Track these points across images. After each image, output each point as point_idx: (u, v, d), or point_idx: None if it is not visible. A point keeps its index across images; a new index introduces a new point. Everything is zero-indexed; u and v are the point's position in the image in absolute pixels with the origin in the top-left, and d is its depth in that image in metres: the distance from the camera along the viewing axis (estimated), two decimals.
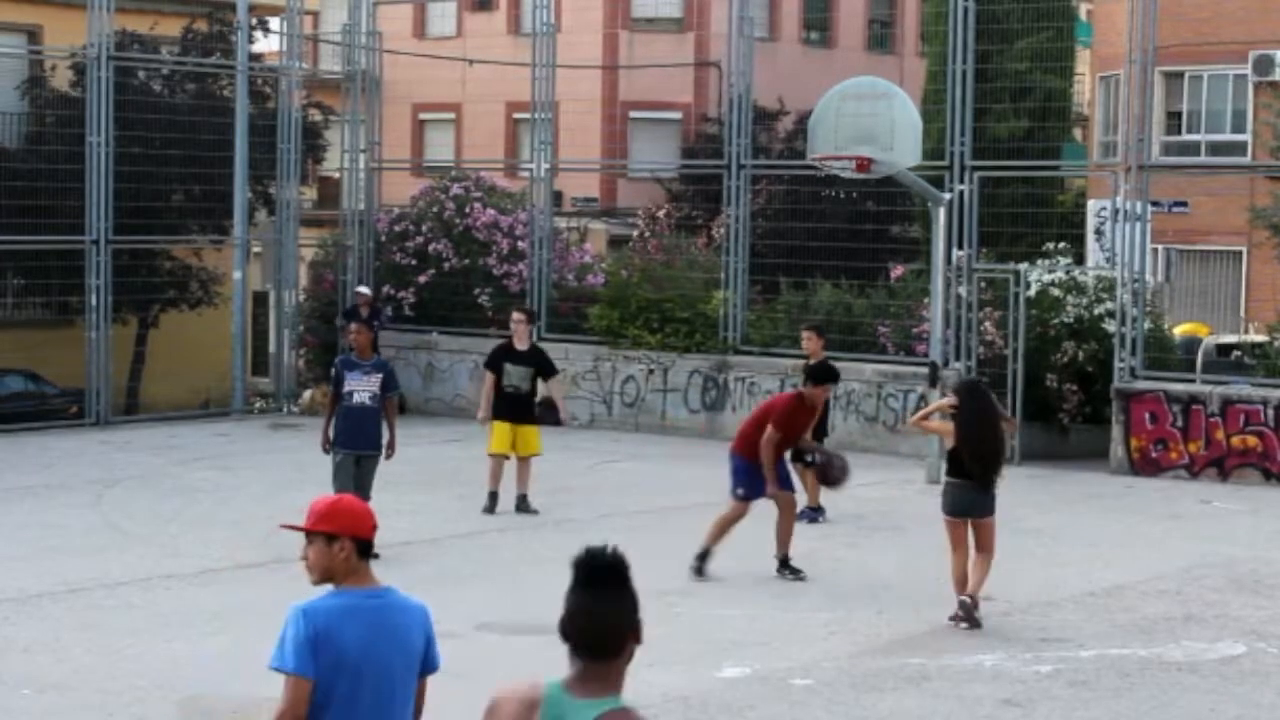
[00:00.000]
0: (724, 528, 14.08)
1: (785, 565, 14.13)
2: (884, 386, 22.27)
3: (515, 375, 17.16)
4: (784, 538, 14.13)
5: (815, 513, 17.00)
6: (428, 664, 5.76)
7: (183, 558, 14.71)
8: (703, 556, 13.99)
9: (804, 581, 13.91)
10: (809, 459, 15.40)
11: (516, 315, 17.85)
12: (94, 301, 24.03)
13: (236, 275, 26.51)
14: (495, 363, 17.30)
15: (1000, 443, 12.74)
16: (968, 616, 12.40)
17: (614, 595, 4.28)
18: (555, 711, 4.27)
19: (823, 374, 15.20)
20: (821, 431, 17.26)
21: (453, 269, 26.19)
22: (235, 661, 11.22)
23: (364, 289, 25.91)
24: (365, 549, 5.65)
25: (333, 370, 15.51)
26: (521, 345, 17.43)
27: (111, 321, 24.63)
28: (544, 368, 17.52)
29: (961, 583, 12.60)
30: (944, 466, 13.25)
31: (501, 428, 17.05)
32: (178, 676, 10.84)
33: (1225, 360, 22.16)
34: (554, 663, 8.09)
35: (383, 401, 14.85)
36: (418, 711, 5.82)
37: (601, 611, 4.26)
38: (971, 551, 12.66)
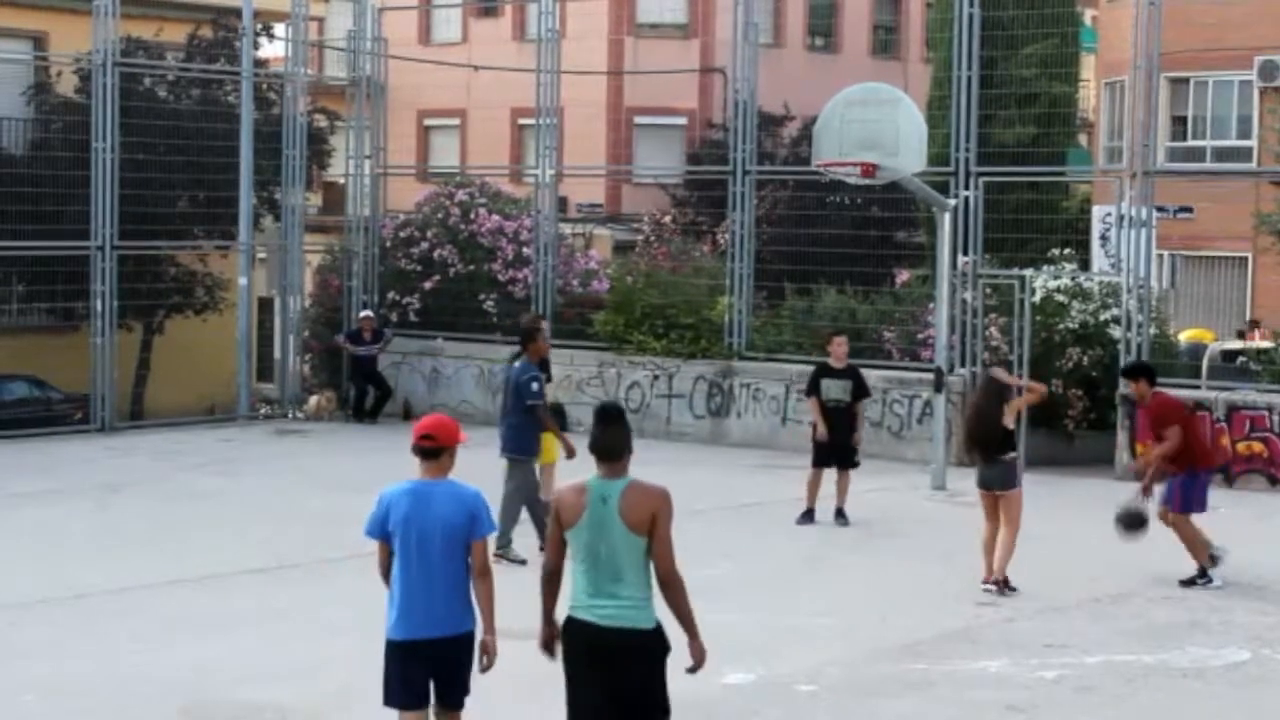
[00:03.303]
0: (1194, 542, 14.43)
1: (1204, 574, 14.43)
2: (889, 392, 22.24)
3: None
4: (1193, 549, 14.44)
5: (807, 517, 17.02)
6: (472, 532, 8.06)
7: (187, 563, 14.70)
8: (1202, 573, 14.34)
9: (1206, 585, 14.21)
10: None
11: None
12: (99, 307, 24.02)
13: (241, 281, 26.49)
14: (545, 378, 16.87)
15: (990, 430, 13.80)
16: (999, 589, 13.67)
17: (617, 426, 7.70)
18: (597, 487, 7.62)
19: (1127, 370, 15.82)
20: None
21: (458, 275, 26.19)
22: (239, 667, 11.23)
23: (368, 312, 25.88)
24: (418, 451, 8.12)
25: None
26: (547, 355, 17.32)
27: (116, 327, 24.59)
28: (549, 374, 17.52)
29: (989, 550, 13.82)
30: None
31: (549, 437, 16.87)
32: (182, 682, 10.83)
33: (1230, 366, 22.13)
34: (556, 665, 8.05)
35: None
36: (479, 568, 8.06)
37: (614, 434, 7.67)
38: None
